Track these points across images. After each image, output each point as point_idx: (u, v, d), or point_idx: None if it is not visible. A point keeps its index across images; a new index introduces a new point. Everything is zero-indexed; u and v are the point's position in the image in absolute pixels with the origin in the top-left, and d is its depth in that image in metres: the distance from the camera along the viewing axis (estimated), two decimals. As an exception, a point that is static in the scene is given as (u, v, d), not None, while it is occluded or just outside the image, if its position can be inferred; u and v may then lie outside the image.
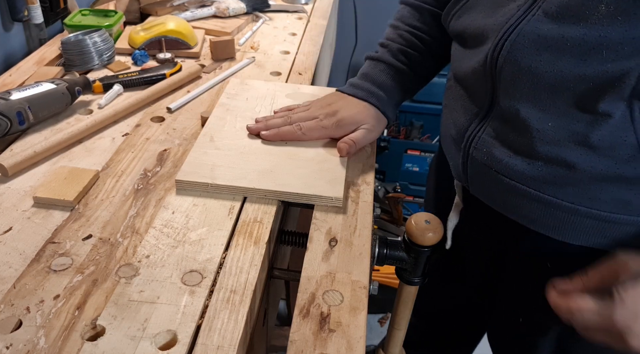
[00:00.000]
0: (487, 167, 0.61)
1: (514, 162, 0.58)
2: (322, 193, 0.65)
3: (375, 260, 0.66)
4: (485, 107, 0.60)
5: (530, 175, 0.56)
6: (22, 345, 0.47)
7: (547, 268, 0.62)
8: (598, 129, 0.50)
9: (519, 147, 0.57)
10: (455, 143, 0.67)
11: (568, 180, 0.54)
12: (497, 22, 0.56)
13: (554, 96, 0.52)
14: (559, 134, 0.53)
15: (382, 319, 1.66)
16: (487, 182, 0.62)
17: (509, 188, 0.59)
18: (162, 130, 0.81)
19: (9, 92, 0.75)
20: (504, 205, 0.62)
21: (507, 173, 0.59)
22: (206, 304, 0.51)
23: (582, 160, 0.52)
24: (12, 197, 0.65)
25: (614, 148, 0.51)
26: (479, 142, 0.61)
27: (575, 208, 0.55)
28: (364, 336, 0.50)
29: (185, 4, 1.25)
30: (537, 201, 0.57)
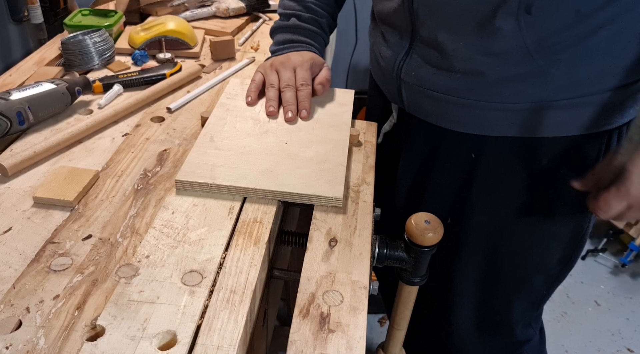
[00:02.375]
0: (417, 86, 0.74)
1: (437, 78, 0.71)
2: (322, 193, 0.65)
3: (375, 260, 0.66)
4: (407, 38, 0.74)
5: (452, 86, 0.70)
6: (22, 345, 0.47)
7: (472, 159, 0.76)
8: (496, 41, 0.64)
9: (440, 65, 0.70)
10: (386, 72, 0.79)
11: (480, 84, 0.68)
12: None
13: (462, 20, 0.65)
14: (469, 50, 0.67)
15: (382, 319, 1.65)
16: (420, 99, 0.76)
17: (437, 100, 0.73)
18: (162, 130, 0.81)
19: (9, 92, 0.75)
20: (435, 115, 0.76)
21: (434, 87, 0.72)
22: (206, 305, 0.51)
23: (488, 67, 0.67)
24: (12, 197, 0.65)
25: (510, 53, 0.65)
26: (407, 67, 0.75)
27: (488, 105, 0.70)
28: (364, 336, 0.50)
29: (185, 4, 1.25)
30: (459, 105, 0.71)
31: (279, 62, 0.82)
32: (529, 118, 0.70)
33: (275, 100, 0.79)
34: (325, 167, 0.69)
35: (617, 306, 1.72)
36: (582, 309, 1.71)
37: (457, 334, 0.94)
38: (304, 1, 0.89)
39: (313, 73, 0.82)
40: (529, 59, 0.65)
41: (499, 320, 0.92)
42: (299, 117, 0.78)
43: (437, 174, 0.82)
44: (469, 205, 0.80)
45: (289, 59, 0.82)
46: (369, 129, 0.84)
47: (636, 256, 1.82)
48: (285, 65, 0.81)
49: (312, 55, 0.83)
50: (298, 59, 0.81)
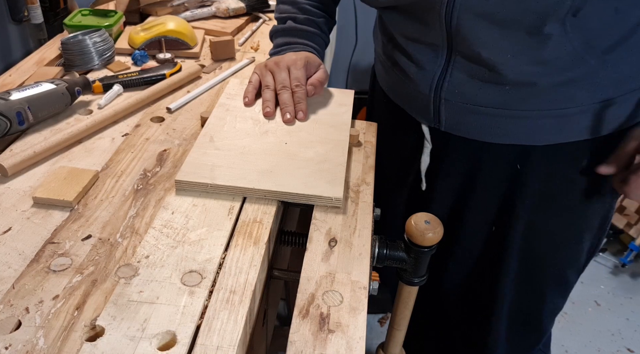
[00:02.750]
0: (462, 103, 0.72)
1: (485, 91, 0.70)
2: (322, 194, 0.65)
3: (375, 260, 0.66)
4: (444, 56, 0.71)
5: (501, 99, 0.69)
6: (22, 345, 0.47)
7: (516, 169, 0.76)
8: (545, 47, 0.63)
9: (488, 79, 0.68)
10: (418, 93, 0.76)
11: (532, 94, 0.68)
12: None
13: (507, 31, 0.63)
14: (519, 60, 0.65)
15: (382, 319, 1.65)
16: (462, 117, 0.74)
17: (484, 115, 0.72)
18: (162, 130, 0.81)
19: (9, 92, 0.75)
20: (479, 130, 0.74)
21: (482, 102, 0.71)
22: (206, 305, 0.51)
23: (540, 76, 0.66)
24: (12, 197, 0.65)
25: (560, 58, 0.64)
26: (449, 85, 0.72)
27: (539, 113, 0.69)
28: (363, 337, 0.50)
29: (185, 4, 1.25)
30: (509, 117, 0.71)
31: (273, 62, 0.82)
32: (579, 121, 0.70)
33: (272, 101, 0.79)
34: (325, 167, 0.69)
35: (617, 306, 1.72)
36: (582, 309, 1.71)
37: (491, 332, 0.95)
38: (299, 3, 0.89)
39: (308, 72, 0.82)
40: (579, 62, 0.65)
41: (531, 314, 0.93)
42: (296, 119, 0.78)
43: (479, 189, 0.82)
44: (514, 214, 0.80)
45: (282, 58, 0.82)
46: (369, 129, 0.84)
47: (636, 256, 1.82)
48: (279, 65, 0.81)
49: (307, 54, 0.83)
50: (292, 57, 0.81)
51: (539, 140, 0.73)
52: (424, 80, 0.74)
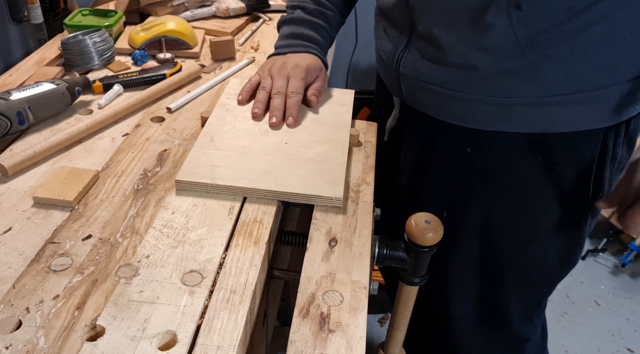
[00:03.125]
0: (415, 79, 0.76)
1: (433, 71, 0.73)
2: (322, 193, 0.65)
3: (375, 260, 0.66)
4: (407, 33, 0.76)
5: (446, 79, 0.72)
6: (22, 345, 0.47)
7: (467, 153, 0.77)
8: (488, 36, 0.65)
9: (436, 59, 0.72)
10: (387, 65, 0.81)
11: (474, 78, 0.69)
12: None
13: (455, 15, 0.67)
14: (462, 44, 0.68)
15: (382, 319, 1.65)
16: (417, 92, 0.78)
17: (433, 93, 0.74)
18: (162, 130, 0.81)
19: (9, 92, 0.75)
20: (432, 107, 0.77)
21: (430, 81, 0.74)
22: (206, 305, 0.51)
23: (481, 61, 0.68)
24: (12, 197, 0.65)
25: (502, 47, 0.66)
26: (405, 61, 0.77)
27: (481, 99, 0.71)
28: (364, 337, 0.50)
29: (185, 4, 1.25)
30: (454, 98, 0.73)
31: (276, 68, 0.82)
32: (522, 113, 0.70)
33: (263, 103, 0.79)
34: (325, 167, 0.69)
35: (617, 306, 1.72)
36: (582, 309, 1.71)
37: (458, 328, 0.94)
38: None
39: (307, 81, 0.82)
40: (520, 54, 0.65)
41: (499, 315, 0.92)
42: (285, 124, 0.77)
43: (433, 167, 0.83)
44: (465, 199, 0.81)
45: (285, 65, 0.82)
46: (369, 129, 0.84)
47: (636, 256, 1.82)
48: (280, 73, 0.81)
49: (310, 61, 0.83)
50: (294, 64, 0.82)
51: (482, 125, 0.73)
52: (391, 55, 0.80)
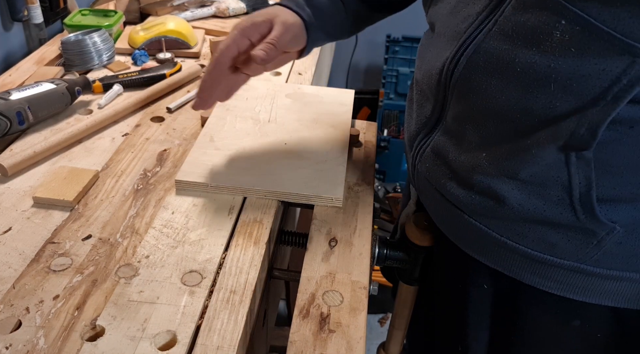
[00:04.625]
0: (429, 182, 0.60)
1: (450, 184, 0.56)
2: (322, 193, 0.65)
3: (375, 260, 0.66)
4: (434, 118, 0.58)
5: (463, 200, 0.55)
6: (22, 345, 0.47)
7: (484, 289, 0.61)
8: (530, 166, 0.49)
9: (457, 169, 0.55)
10: (407, 147, 0.65)
11: (497, 213, 0.53)
12: (457, 27, 0.51)
13: (497, 126, 0.49)
14: (493, 166, 0.51)
15: (382, 319, 1.65)
16: (429, 197, 0.61)
17: (446, 207, 0.58)
18: (162, 130, 0.81)
19: (9, 92, 0.75)
20: (443, 221, 0.61)
21: (445, 193, 0.57)
22: (206, 305, 0.51)
23: (512, 196, 0.51)
24: (12, 197, 0.65)
25: (545, 186, 0.49)
26: (424, 155, 0.60)
27: (503, 241, 0.54)
28: (364, 337, 0.50)
29: (185, 4, 1.25)
30: (470, 226, 0.56)
31: None
32: (556, 274, 0.53)
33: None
34: (326, 167, 0.69)
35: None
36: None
37: None
38: None
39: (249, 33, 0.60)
40: (567, 207, 0.49)
41: None
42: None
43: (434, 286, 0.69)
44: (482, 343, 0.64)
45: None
46: (369, 129, 0.84)
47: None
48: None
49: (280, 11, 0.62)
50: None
51: (498, 266, 0.56)
52: (411, 138, 0.62)
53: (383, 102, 2.23)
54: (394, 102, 2.26)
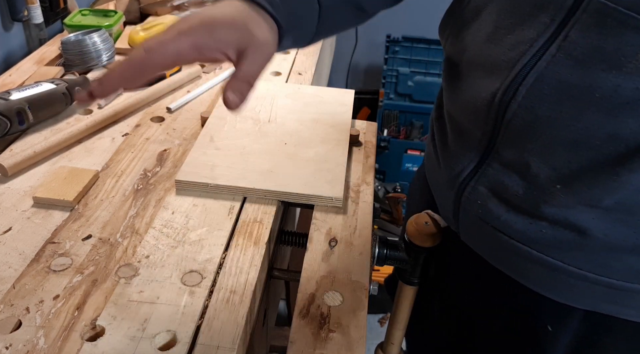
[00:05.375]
0: (482, 221, 0.53)
1: (513, 219, 0.50)
2: (322, 193, 0.65)
3: (375, 260, 0.66)
4: (480, 153, 0.52)
5: (532, 236, 0.49)
6: (22, 345, 0.47)
7: (546, 330, 0.56)
8: (616, 193, 0.44)
9: (520, 203, 0.49)
10: (441, 184, 0.58)
11: (576, 245, 0.48)
12: (505, 56, 0.47)
13: (573, 154, 0.45)
14: (570, 197, 0.46)
15: (382, 319, 1.65)
16: (481, 235, 0.55)
17: (506, 246, 0.52)
18: (162, 130, 0.81)
19: (9, 92, 0.75)
20: (500, 260, 0.55)
21: (505, 230, 0.51)
22: (206, 305, 0.51)
23: (594, 226, 0.46)
24: (12, 197, 0.65)
25: (634, 213, 0.44)
26: (473, 192, 0.53)
27: (583, 275, 0.49)
28: (364, 337, 0.50)
29: (185, 4, 1.25)
30: (540, 263, 0.51)
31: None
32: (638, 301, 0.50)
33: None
34: (325, 167, 0.69)
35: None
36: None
37: None
38: None
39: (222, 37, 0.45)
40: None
41: None
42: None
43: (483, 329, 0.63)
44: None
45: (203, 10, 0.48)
46: (369, 129, 0.84)
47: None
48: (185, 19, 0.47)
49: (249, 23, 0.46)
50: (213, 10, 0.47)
51: (577, 303, 0.52)
52: (451, 173, 0.55)
53: (383, 102, 2.23)
54: (394, 102, 2.26)
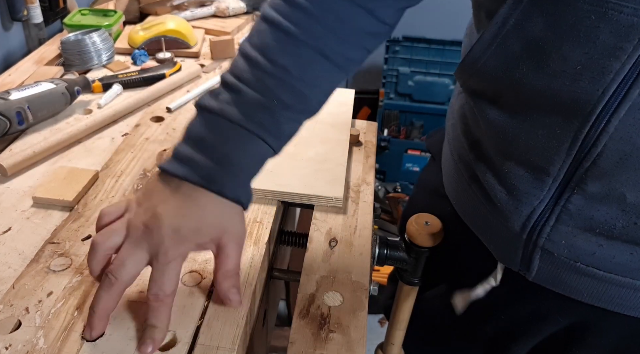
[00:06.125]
0: (570, 259, 0.50)
1: (609, 252, 0.48)
2: (322, 194, 0.65)
3: (376, 260, 0.66)
4: (553, 188, 0.48)
5: (634, 266, 0.47)
6: (22, 345, 0.46)
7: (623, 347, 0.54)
8: None
9: (617, 235, 0.47)
10: (503, 229, 0.53)
11: None
12: (579, 90, 0.43)
13: None
14: None
15: (383, 320, 1.65)
16: (566, 274, 0.51)
17: (603, 280, 0.49)
18: (162, 130, 0.81)
19: (8, 92, 0.75)
20: (590, 294, 0.51)
21: (601, 265, 0.48)
22: (206, 305, 0.51)
23: None
24: (11, 197, 0.65)
25: None
26: (554, 233, 0.49)
27: None
28: (364, 337, 0.50)
29: (185, 4, 1.25)
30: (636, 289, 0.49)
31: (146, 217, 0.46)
32: None
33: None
34: (325, 167, 0.69)
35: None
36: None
37: None
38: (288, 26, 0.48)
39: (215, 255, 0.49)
40: None
41: None
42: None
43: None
44: None
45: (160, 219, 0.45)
46: (369, 129, 0.84)
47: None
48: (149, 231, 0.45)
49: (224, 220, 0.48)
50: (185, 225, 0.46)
51: None
52: (515, 215, 0.50)
53: (383, 102, 2.23)
54: (394, 101, 2.26)
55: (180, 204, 0.46)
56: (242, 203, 0.48)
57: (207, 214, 0.46)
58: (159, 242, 0.45)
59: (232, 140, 0.47)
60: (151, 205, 0.46)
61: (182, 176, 0.46)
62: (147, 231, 0.45)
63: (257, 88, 0.47)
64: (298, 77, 0.48)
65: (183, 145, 0.47)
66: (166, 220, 0.45)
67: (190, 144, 0.47)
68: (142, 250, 0.45)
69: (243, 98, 0.47)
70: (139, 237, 0.46)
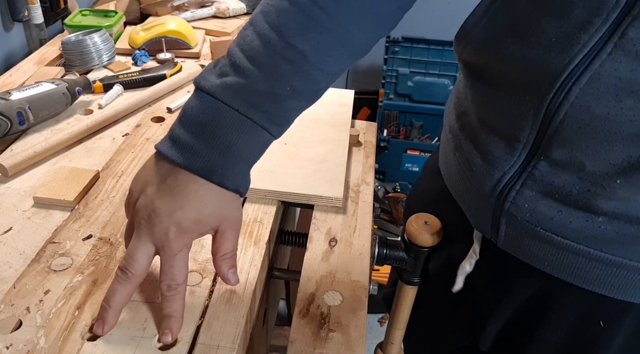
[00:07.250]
0: (531, 224, 0.51)
1: (566, 218, 0.49)
2: (322, 193, 0.65)
3: (375, 260, 0.66)
4: (523, 156, 0.50)
5: (590, 233, 0.48)
6: (22, 345, 0.47)
7: (598, 327, 0.54)
8: None
9: (575, 201, 0.48)
10: (476, 192, 0.55)
11: (637, 238, 0.47)
12: (553, 59, 0.45)
13: (635, 147, 0.44)
14: (630, 189, 0.45)
15: (382, 319, 1.66)
16: (527, 240, 0.52)
17: (560, 247, 0.50)
18: (163, 131, 0.81)
19: (9, 92, 0.76)
20: (550, 263, 0.53)
21: (559, 231, 0.50)
22: (206, 304, 0.51)
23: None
24: (12, 197, 0.65)
25: None
26: (518, 197, 0.51)
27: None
28: (364, 336, 0.50)
29: (186, 5, 1.25)
30: (598, 260, 0.49)
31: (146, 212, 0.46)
32: None
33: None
34: (325, 167, 0.69)
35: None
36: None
37: None
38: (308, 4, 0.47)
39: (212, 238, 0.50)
40: None
41: None
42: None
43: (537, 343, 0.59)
44: None
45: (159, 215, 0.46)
46: (369, 129, 0.84)
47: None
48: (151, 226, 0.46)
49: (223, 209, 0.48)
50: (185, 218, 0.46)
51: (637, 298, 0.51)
52: (487, 179, 0.53)
53: (383, 102, 2.23)
54: (394, 102, 2.26)
55: (178, 196, 0.46)
56: (241, 192, 0.48)
57: (206, 205, 0.46)
58: (162, 237, 0.46)
59: (235, 130, 0.46)
60: (149, 200, 0.47)
61: (181, 164, 0.46)
62: (149, 227, 0.46)
63: (270, 74, 0.46)
64: (315, 65, 0.47)
65: (182, 128, 0.46)
66: (165, 216, 0.46)
67: (190, 130, 0.46)
68: (148, 243, 0.46)
69: (252, 86, 0.46)
70: (143, 232, 0.46)
